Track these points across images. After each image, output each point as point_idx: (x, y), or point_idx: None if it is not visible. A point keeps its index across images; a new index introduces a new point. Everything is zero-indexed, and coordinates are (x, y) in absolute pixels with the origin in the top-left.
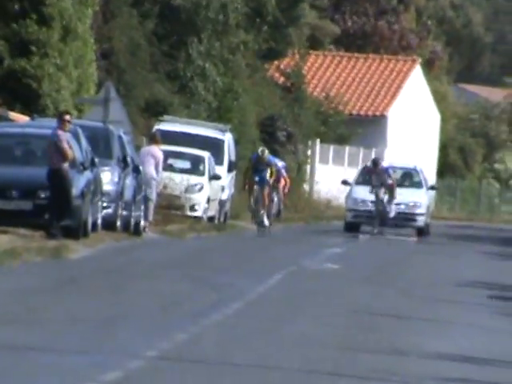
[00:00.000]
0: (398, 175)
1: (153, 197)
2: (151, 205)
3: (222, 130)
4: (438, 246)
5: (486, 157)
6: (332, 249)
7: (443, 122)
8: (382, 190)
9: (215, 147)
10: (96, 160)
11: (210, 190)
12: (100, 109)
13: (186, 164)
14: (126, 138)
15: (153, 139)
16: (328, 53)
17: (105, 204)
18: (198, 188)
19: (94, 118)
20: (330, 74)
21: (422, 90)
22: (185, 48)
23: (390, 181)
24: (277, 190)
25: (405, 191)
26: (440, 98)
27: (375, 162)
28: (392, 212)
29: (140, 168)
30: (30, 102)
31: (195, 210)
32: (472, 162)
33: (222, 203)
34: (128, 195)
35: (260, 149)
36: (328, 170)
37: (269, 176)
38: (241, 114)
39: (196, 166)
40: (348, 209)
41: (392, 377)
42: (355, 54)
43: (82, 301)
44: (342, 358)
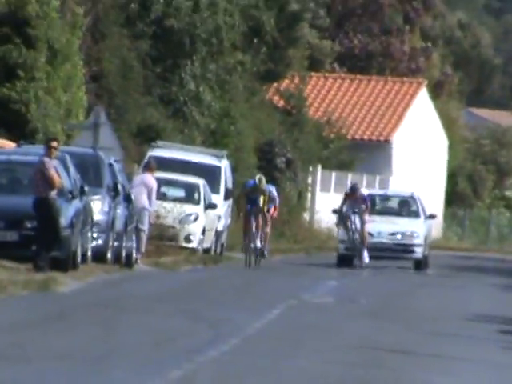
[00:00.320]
0: (393, 203)
1: (145, 227)
2: (143, 236)
3: (218, 156)
4: (444, 278)
5: (497, 184)
6: (333, 281)
7: (451, 147)
8: (358, 219)
9: (211, 174)
10: (85, 188)
11: (205, 220)
12: (89, 134)
13: (180, 192)
14: (116, 166)
15: (147, 167)
16: (329, 74)
17: (95, 234)
18: (192, 218)
19: (83, 144)
20: (331, 97)
21: (429, 113)
22: (178, 71)
23: (364, 206)
24: (265, 222)
25: (401, 221)
26: (449, 123)
27: (353, 189)
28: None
29: (132, 197)
30: (17, 128)
31: (190, 241)
32: (482, 189)
33: (218, 234)
34: (119, 225)
35: (257, 176)
36: (329, 198)
37: (262, 202)
38: (238, 139)
39: (191, 195)
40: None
41: None
42: (358, 76)
43: (71, 336)
44: None
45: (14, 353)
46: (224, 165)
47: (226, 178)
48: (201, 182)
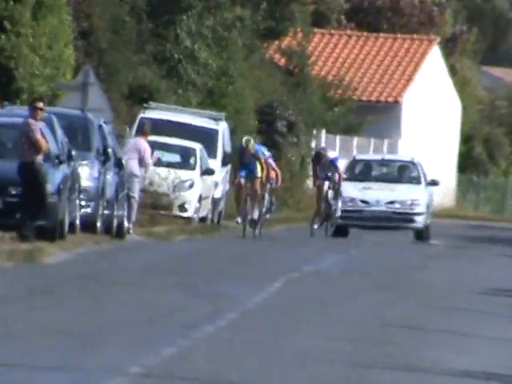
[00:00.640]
0: (393, 169)
1: (135, 195)
2: (134, 204)
3: (215, 119)
4: (456, 249)
5: None
6: (339, 253)
7: (465, 109)
8: (326, 184)
9: (208, 138)
10: (73, 152)
11: (201, 187)
12: (78, 95)
13: (175, 157)
14: (106, 128)
15: (140, 130)
16: (335, 31)
17: (83, 202)
18: (188, 184)
19: (70, 105)
20: (336, 55)
21: (441, 73)
22: (173, 27)
23: (336, 174)
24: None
25: (400, 187)
26: (463, 83)
27: (318, 154)
28: (338, 211)
29: (123, 162)
30: (2, 87)
31: (185, 210)
32: (498, 155)
33: (216, 201)
34: (109, 192)
35: (244, 138)
36: None
37: (260, 170)
38: (237, 100)
39: (186, 160)
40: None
41: None
42: (365, 33)
43: (58, 311)
44: (349, 374)
45: None
46: (222, 127)
47: (223, 142)
48: (197, 146)
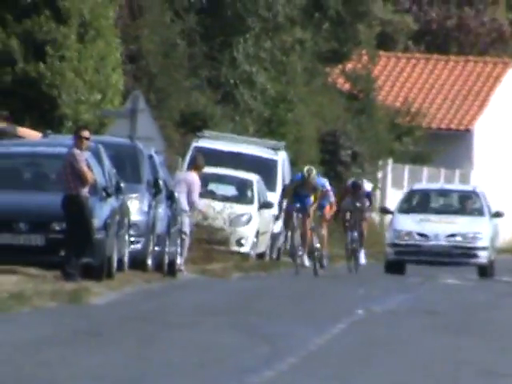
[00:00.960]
0: (453, 200)
1: (186, 230)
2: (186, 240)
3: (274, 148)
4: None
5: None
6: (407, 291)
7: None
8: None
9: (266, 169)
10: (122, 185)
11: (259, 222)
12: (126, 122)
13: (231, 190)
14: (157, 158)
15: (192, 163)
16: (402, 54)
17: (133, 238)
18: (245, 219)
19: (119, 133)
20: (404, 80)
21: None
22: (229, 50)
23: (368, 207)
24: (320, 222)
25: (461, 220)
26: None
27: (355, 184)
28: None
29: (175, 194)
30: (43, 115)
31: (242, 245)
32: None
33: (275, 237)
34: (160, 227)
35: (306, 168)
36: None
37: (313, 202)
38: (297, 128)
39: (243, 192)
40: (389, 243)
41: None
42: (434, 56)
43: (104, 355)
44: None
45: (41, 373)
46: (281, 158)
47: (283, 174)
48: (254, 177)
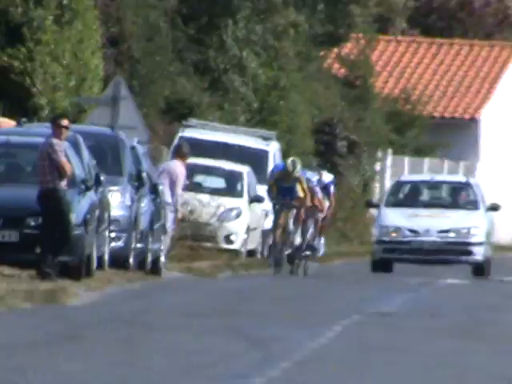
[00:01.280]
0: (444, 192)
1: (168, 226)
2: (166, 236)
3: (265, 138)
4: None
5: None
6: (406, 292)
7: None
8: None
9: (257, 160)
10: (102, 177)
11: (249, 217)
12: (107, 110)
13: (219, 182)
14: (140, 149)
15: (177, 152)
16: (402, 38)
17: (114, 234)
18: (234, 214)
19: (99, 122)
20: (404, 65)
21: None
22: (217, 32)
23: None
24: (313, 216)
25: (454, 214)
26: None
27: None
28: (321, 248)
29: (159, 188)
30: (18, 103)
31: (231, 242)
32: None
33: (266, 233)
34: (144, 223)
35: (289, 159)
36: None
37: (301, 191)
38: (290, 117)
39: (232, 185)
40: (376, 240)
41: None
42: (437, 40)
43: (83, 360)
44: None
45: (15, 379)
46: (273, 148)
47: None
48: (244, 169)
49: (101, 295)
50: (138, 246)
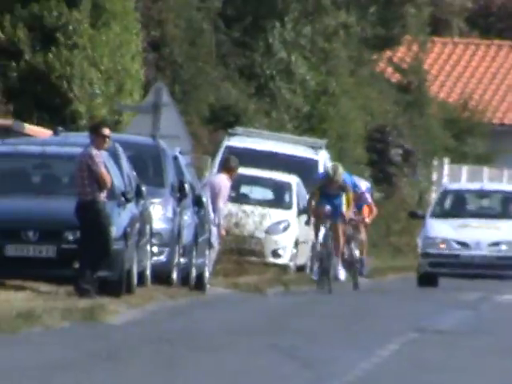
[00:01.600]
0: (495, 201)
1: (213, 240)
2: (212, 251)
3: (314, 147)
4: None
5: None
6: (463, 308)
7: None
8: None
9: (306, 170)
10: (143, 189)
11: (298, 230)
12: (148, 118)
13: (266, 193)
14: (183, 159)
15: (223, 165)
16: (459, 39)
17: (156, 249)
18: (282, 227)
19: (139, 131)
20: (462, 69)
21: None
22: (263, 35)
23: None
24: (356, 229)
25: (506, 225)
26: None
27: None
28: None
29: (203, 199)
30: (54, 110)
31: (279, 256)
32: None
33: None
34: (187, 236)
35: (331, 164)
36: None
37: (345, 205)
38: (340, 124)
39: (280, 197)
40: (422, 253)
41: None
42: (495, 41)
43: (123, 380)
44: None
45: None
46: (322, 157)
47: None
48: (293, 179)
49: (142, 313)
50: (182, 260)
